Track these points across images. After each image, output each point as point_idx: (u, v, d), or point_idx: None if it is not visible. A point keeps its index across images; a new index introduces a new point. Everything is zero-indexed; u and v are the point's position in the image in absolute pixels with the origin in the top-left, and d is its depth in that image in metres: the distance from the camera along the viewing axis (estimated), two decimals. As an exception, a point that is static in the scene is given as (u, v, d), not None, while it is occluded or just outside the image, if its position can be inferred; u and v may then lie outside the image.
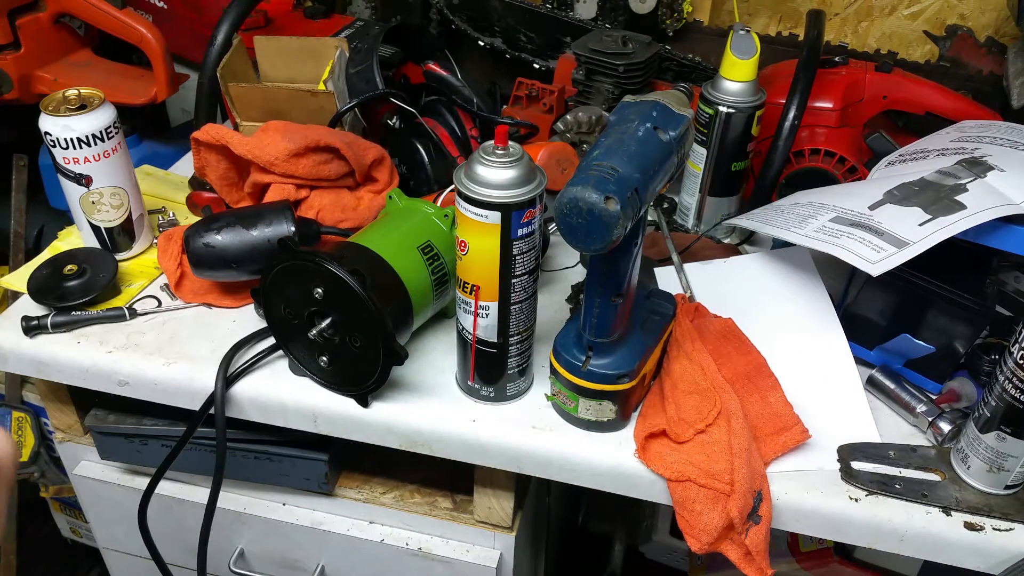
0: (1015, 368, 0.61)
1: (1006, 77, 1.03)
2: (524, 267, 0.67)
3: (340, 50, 1.03)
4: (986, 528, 0.66)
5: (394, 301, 0.73)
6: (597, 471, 0.72)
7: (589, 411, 0.71)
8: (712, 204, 0.96)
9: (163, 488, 0.89)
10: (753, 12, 1.22)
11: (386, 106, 1.00)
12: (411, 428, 0.74)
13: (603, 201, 0.55)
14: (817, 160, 0.95)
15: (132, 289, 0.89)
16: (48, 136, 0.82)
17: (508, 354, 0.71)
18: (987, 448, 0.65)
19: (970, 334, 0.74)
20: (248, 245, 0.80)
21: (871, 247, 0.70)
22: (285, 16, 1.23)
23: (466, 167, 0.64)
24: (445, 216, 0.79)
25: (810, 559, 1.21)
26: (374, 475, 0.90)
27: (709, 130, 0.91)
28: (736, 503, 0.65)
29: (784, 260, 0.85)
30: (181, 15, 1.29)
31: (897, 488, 0.68)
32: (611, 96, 1.06)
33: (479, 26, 1.26)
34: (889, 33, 1.18)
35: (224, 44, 1.01)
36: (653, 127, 0.60)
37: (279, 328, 0.75)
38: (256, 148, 0.84)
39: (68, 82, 1.12)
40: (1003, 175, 0.74)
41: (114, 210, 0.89)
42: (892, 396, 0.75)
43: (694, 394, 0.71)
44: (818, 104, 0.97)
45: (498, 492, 0.82)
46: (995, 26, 1.13)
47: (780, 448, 0.70)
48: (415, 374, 0.78)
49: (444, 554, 0.86)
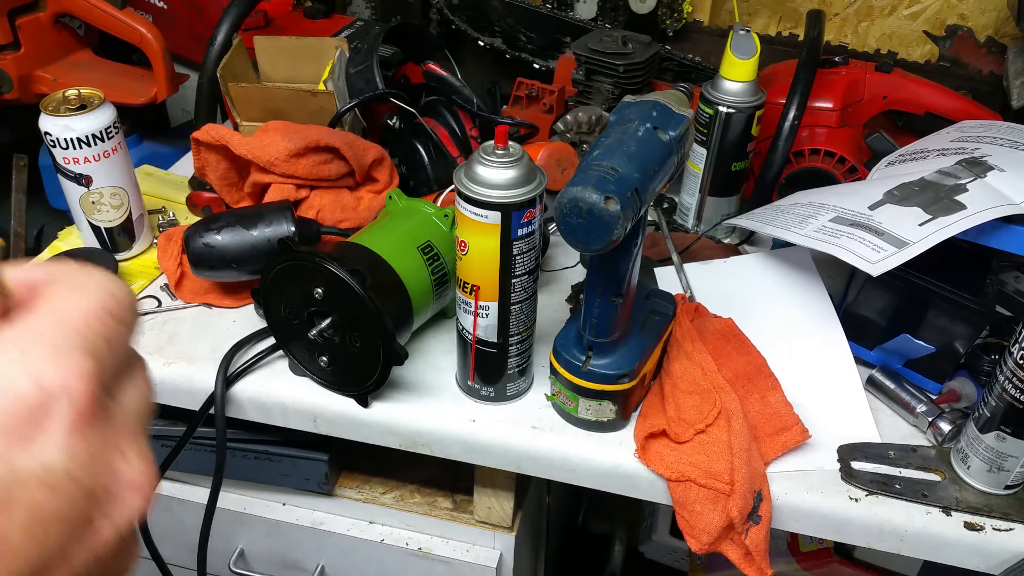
0: (1015, 368, 0.61)
1: (1006, 77, 1.03)
2: (524, 267, 0.67)
3: (340, 50, 1.03)
4: (986, 528, 0.66)
5: (394, 301, 0.73)
6: (597, 471, 0.72)
7: (589, 411, 0.71)
8: (712, 204, 0.96)
9: (163, 488, 0.89)
10: (753, 12, 1.22)
11: (386, 106, 1.00)
12: (411, 428, 0.74)
13: (603, 201, 0.55)
14: (817, 160, 0.95)
15: (132, 289, 0.89)
16: (48, 136, 0.82)
17: (508, 354, 0.71)
18: (987, 448, 0.65)
19: (970, 334, 0.74)
20: (248, 245, 0.80)
21: (871, 247, 0.70)
22: (285, 16, 1.23)
23: (466, 167, 0.64)
24: (445, 216, 0.79)
25: (810, 559, 1.21)
26: (374, 475, 0.90)
27: (709, 130, 0.91)
28: (736, 503, 0.65)
29: (784, 260, 0.85)
30: (181, 15, 1.28)
31: (897, 488, 0.68)
32: (611, 96, 1.06)
33: (479, 26, 1.26)
34: (889, 33, 1.18)
35: (224, 44, 1.01)
36: (653, 127, 0.60)
37: (279, 328, 0.75)
38: (256, 148, 0.84)
39: (68, 82, 1.12)
40: (1003, 175, 0.74)
41: (114, 210, 0.89)
42: (892, 396, 0.75)
43: (694, 394, 0.71)
44: (818, 104, 0.97)
45: (498, 492, 0.82)
46: (995, 26, 1.13)
47: (780, 448, 0.70)
48: (415, 374, 0.78)
49: (444, 554, 0.86)
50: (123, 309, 0.26)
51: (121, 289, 0.27)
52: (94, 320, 0.25)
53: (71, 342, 0.24)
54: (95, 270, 0.27)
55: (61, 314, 0.25)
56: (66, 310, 0.25)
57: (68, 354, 0.24)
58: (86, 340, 0.24)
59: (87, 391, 0.24)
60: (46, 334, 0.24)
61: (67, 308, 0.25)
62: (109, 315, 0.26)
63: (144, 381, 0.28)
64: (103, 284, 0.26)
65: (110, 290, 0.26)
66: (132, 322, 0.27)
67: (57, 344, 0.24)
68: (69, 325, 0.24)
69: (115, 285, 0.27)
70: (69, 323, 0.24)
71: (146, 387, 0.28)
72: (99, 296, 0.26)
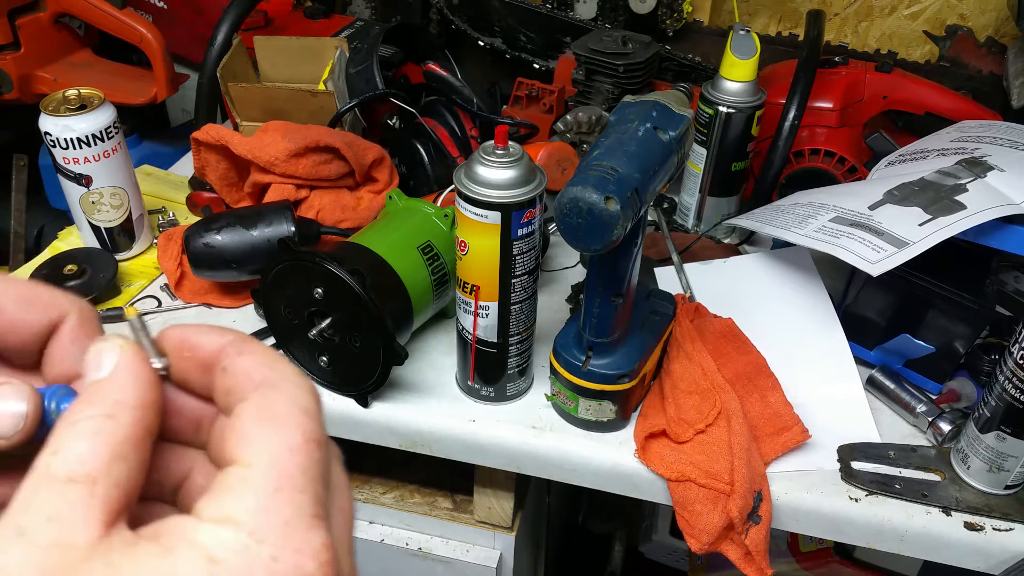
0: (1015, 368, 0.61)
1: (1006, 77, 1.03)
2: (524, 267, 0.67)
3: (340, 50, 1.03)
4: (986, 528, 0.66)
5: (394, 301, 0.73)
6: (597, 471, 0.72)
7: (589, 411, 0.71)
8: (712, 204, 0.96)
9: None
10: (753, 12, 1.22)
11: (386, 106, 1.00)
12: (411, 428, 0.74)
13: (603, 201, 0.55)
14: (817, 160, 0.95)
15: (132, 289, 0.89)
16: (48, 136, 0.82)
17: (508, 354, 0.71)
18: (987, 448, 0.65)
19: (970, 334, 0.74)
20: (248, 245, 0.80)
21: (871, 247, 0.70)
22: (285, 16, 1.23)
23: (466, 167, 0.64)
24: (445, 216, 0.79)
25: (810, 559, 1.21)
26: (374, 475, 0.90)
27: (709, 130, 0.91)
28: (736, 503, 0.65)
29: (784, 260, 0.85)
30: (181, 15, 1.28)
31: (897, 488, 0.68)
32: (611, 96, 1.06)
33: (479, 26, 1.26)
34: (889, 33, 1.18)
35: (224, 44, 1.01)
36: (653, 127, 0.60)
37: (279, 328, 0.75)
38: (256, 148, 0.84)
39: (68, 82, 1.12)
40: (1003, 175, 0.74)
41: (114, 210, 0.89)
42: (892, 396, 0.75)
43: (694, 394, 0.71)
44: (818, 104, 0.97)
45: (498, 492, 0.82)
46: (995, 26, 1.13)
47: (780, 448, 0.70)
48: (415, 374, 0.78)
49: (444, 554, 0.86)
50: (320, 428, 0.24)
51: (311, 400, 0.24)
52: (304, 459, 0.23)
53: (299, 510, 0.22)
54: (278, 368, 0.24)
55: (273, 465, 0.22)
56: (277, 458, 0.22)
57: (299, 529, 0.22)
58: (310, 497, 0.22)
59: (326, 568, 0.22)
60: (270, 505, 0.21)
61: (277, 454, 0.23)
62: (315, 444, 0.23)
63: (347, 500, 0.26)
64: (296, 399, 0.24)
65: (304, 407, 0.24)
66: (325, 437, 0.24)
67: (287, 518, 0.21)
68: (289, 481, 0.22)
69: (304, 396, 0.24)
70: (288, 478, 0.22)
71: (349, 507, 0.26)
72: (296, 419, 0.23)
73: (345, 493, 0.25)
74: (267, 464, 0.22)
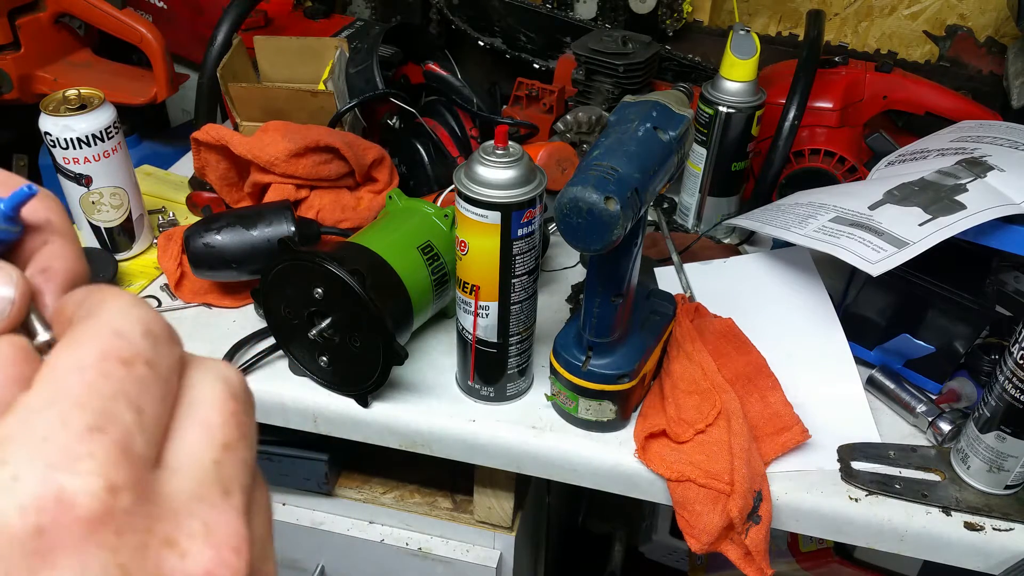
0: (1015, 368, 0.61)
1: (1006, 77, 1.03)
2: (524, 267, 0.67)
3: (340, 50, 1.03)
4: (986, 528, 0.66)
5: (394, 301, 0.73)
6: (597, 471, 0.72)
7: (589, 411, 0.71)
8: (712, 204, 0.96)
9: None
10: (753, 12, 1.22)
11: (386, 106, 1.00)
12: (411, 428, 0.74)
13: (603, 201, 0.55)
14: (817, 160, 0.95)
15: (132, 289, 0.89)
16: (48, 136, 0.82)
17: (508, 354, 0.71)
18: (987, 448, 0.65)
19: (970, 334, 0.74)
20: (248, 245, 0.80)
21: (871, 247, 0.70)
22: (285, 16, 1.23)
23: (466, 167, 0.64)
24: (445, 216, 0.79)
25: (810, 559, 1.21)
26: (374, 475, 0.90)
27: (709, 130, 0.91)
28: (736, 503, 0.65)
29: (784, 260, 0.85)
30: (181, 15, 1.28)
31: (897, 488, 0.68)
32: (611, 96, 1.06)
33: (479, 26, 1.26)
34: (889, 33, 1.18)
35: (224, 44, 1.00)
36: (653, 127, 0.60)
37: (279, 328, 0.75)
38: (256, 148, 0.84)
39: (68, 82, 1.12)
40: (1003, 175, 0.74)
41: (114, 210, 0.89)
42: (892, 396, 0.75)
43: (694, 394, 0.71)
44: (818, 104, 0.97)
45: (498, 492, 0.82)
46: (995, 26, 1.13)
47: (780, 448, 0.70)
48: (415, 374, 0.78)
49: (444, 554, 0.86)
50: (134, 348, 0.21)
51: (131, 322, 0.22)
52: (95, 376, 0.20)
53: (65, 424, 0.19)
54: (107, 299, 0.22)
55: (49, 383, 0.20)
56: (59, 376, 0.20)
57: (57, 444, 0.19)
58: (91, 412, 0.20)
59: (92, 489, 0.19)
60: (27, 421, 0.19)
61: (61, 372, 0.20)
62: (117, 362, 0.21)
63: (214, 408, 0.23)
64: (109, 322, 0.22)
65: (116, 328, 0.22)
66: (149, 357, 0.22)
67: (45, 434, 0.19)
68: (65, 396, 0.20)
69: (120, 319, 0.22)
70: (64, 394, 0.20)
71: (215, 415, 0.23)
72: (99, 339, 0.21)
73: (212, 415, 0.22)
74: (43, 382, 0.20)
